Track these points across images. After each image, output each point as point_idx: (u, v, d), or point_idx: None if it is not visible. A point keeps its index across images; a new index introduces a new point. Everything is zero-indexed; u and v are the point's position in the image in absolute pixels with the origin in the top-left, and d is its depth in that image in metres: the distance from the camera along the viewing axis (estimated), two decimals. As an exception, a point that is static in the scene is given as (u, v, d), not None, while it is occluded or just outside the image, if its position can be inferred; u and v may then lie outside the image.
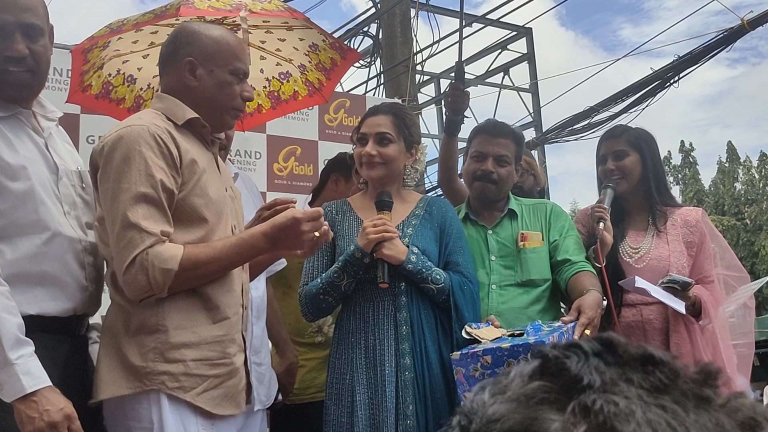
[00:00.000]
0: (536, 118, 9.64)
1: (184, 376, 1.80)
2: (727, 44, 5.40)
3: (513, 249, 2.65)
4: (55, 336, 1.90)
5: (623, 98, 6.10)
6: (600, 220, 2.59)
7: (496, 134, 2.73)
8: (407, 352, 2.32)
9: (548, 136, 7.22)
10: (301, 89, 3.44)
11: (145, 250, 1.75)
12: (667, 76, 5.77)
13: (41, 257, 1.88)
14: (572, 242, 2.62)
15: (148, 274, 1.74)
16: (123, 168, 1.80)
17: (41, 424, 1.65)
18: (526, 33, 9.96)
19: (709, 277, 2.67)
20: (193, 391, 1.81)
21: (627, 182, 2.75)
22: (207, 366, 1.85)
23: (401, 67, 6.69)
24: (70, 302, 1.93)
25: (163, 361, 1.79)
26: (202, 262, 1.80)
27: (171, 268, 1.75)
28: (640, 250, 2.70)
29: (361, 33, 8.31)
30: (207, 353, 1.85)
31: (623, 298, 2.66)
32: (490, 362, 2.11)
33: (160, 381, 1.78)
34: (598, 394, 0.48)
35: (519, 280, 2.60)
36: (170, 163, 1.83)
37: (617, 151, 2.76)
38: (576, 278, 2.50)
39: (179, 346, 1.81)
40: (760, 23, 5.18)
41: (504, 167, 2.69)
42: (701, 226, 2.71)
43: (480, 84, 10.35)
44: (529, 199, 2.87)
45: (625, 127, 2.91)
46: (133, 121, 1.89)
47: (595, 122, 6.44)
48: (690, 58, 5.60)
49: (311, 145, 5.15)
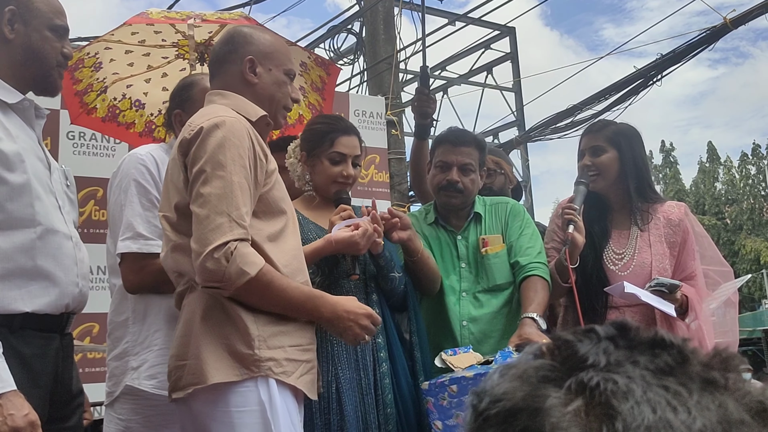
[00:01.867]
0: (519, 117, 9.66)
1: (286, 362, 1.87)
2: (709, 43, 5.42)
3: (479, 254, 2.70)
4: (46, 334, 1.88)
5: (606, 96, 6.12)
6: (569, 222, 2.56)
7: (458, 143, 2.74)
8: (382, 346, 2.38)
9: (531, 135, 7.23)
10: (305, 113, 3.47)
11: (234, 241, 1.77)
12: (650, 74, 5.78)
13: (36, 252, 1.86)
14: (525, 241, 2.67)
15: (228, 266, 1.76)
16: (218, 155, 1.82)
17: (4, 428, 1.62)
18: (509, 32, 9.98)
19: (692, 273, 2.65)
20: (293, 375, 1.88)
21: (603, 179, 2.70)
22: (300, 351, 1.92)
23: (384, 64, 6.66)
24: (63, 299, 1.92)
25: (267, 348, 1.84)
26: (275, 287, 1.83)
27: (249, 272, 1.77)
28: (624, 257, 2.67)
29: (345, 30, 8.28)
30: (299, 339, 1.92)
31: (608, 300, 2.64)
32: (456, 391, 2.18)
33: (267, 367, 1.83)
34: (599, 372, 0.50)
35: (485, 286, 2.66)
36: (257, 159, 1.90)
37: (595, 146, 2.71)
38: (522, 289, 2.58)
39: (277, 333, 1.87)
40: (743, 22, 5.21)
41: (468, 176, 2.71)
42: (684, 224, 2.68)
43: (463, 83, 10.36)
44: (491, 198, 2.89)
45: (607, 123, 2.87)
46: (220, 112, 1.91)
47: (578, 120, 6.46)
48: (673, 56, 5.62)
49: (294, 143, 5.10)
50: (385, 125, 5.96)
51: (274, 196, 1.95)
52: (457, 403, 2.17)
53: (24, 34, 1.95)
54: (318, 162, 2.49)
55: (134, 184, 2.30)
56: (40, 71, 2.00)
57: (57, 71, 2.02)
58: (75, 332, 2.23)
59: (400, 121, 6.42)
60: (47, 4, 1.99)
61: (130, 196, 2.31)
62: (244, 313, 1.84)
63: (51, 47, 1.97)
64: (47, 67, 2.00)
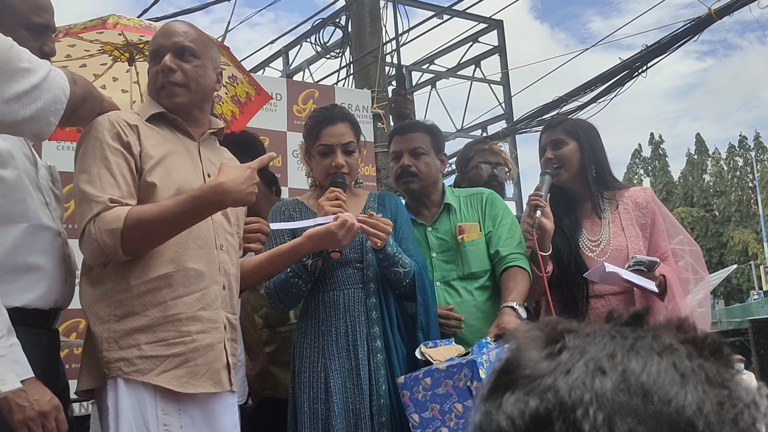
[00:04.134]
0: (507, 110, 9.66)
1: (140, 360, 1.84)
2: (694, 34, 5.44)
3: (453, 243, 2.71)
4: (34, 329, 1.88)
5: (592, 88, 6.13)
6: (536, 208, 2.60)
7: (405, 131, 2.84)
8: (378, 336, 2.37)
9: (518, 127, 7.24)
10: (250, 90, 3.49)
11: (92, 218, 1.83)
12: (636, 66, 5.79)
13: (26, 247, 1.87)
14: (504, 231, 2.69)
15: (97, 239, 1.81)
16: (84, 154, 1.91)
17: (32, 413, 1.68)
18: (497, 25, 9.97)
19: (665, 253, 2.69)
20: (151, 372, 1.84)
21: (566, 171, 2.74)
22: (163, 346, 1.87)
23: (370, 57, 6.64)
24: (52, 294, 1.93)
25: (117, 348, 1.84)
26: (148, 218, 1.83)
27: (115, 228, 1.80)
28: (600, 242, 2.71)
29: (331, 24, 8.25)
30: (162, 334, 1.87)
31: (590, 289, 2.65)
32: (430, 384, 2.18)
33: (117, 368, 1.83)
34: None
35: (461, 274, 2.69)
36: (126, 147, 1.91)
37: (555, 140, 2.77)
38: (502, 279, 2.60)
39: (131, 332, 1.85)
40: (727, 12, 5.22)
41: (420, 159, 2.75)
42: (652, 206, 2.74)
43: (451, 76, 10.35)
44: (465, 190, 2.93)
45: (563, 118, 2.98)
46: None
47: (564, 112, 6.48)
48: (658, 47, 5.63)
49: (280, 136, 5.11)
50: (371, 118, 5.94)
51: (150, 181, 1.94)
52: (432, 395, 2.17)
53: None
54: (312, 157, 2.53)
55: None
56: None
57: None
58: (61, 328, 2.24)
59: (387, 114, 6.40)
60: (24, 1, 1.94)
61: None
62: (95, 318, 1.87)
63: (25, 47, 1.89)
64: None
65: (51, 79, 1.70)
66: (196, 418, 1.91)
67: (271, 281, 2.41)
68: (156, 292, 1.88)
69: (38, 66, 1.69)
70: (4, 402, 1.67)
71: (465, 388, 2.11)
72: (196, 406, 1.91)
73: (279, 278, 2.39)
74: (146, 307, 1.87)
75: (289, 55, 10.72)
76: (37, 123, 1.67)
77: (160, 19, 7.55)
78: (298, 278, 2.37)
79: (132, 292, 1.87)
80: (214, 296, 1.98)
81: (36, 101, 1.65)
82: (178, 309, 1.90)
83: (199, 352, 1.91)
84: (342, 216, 2.23)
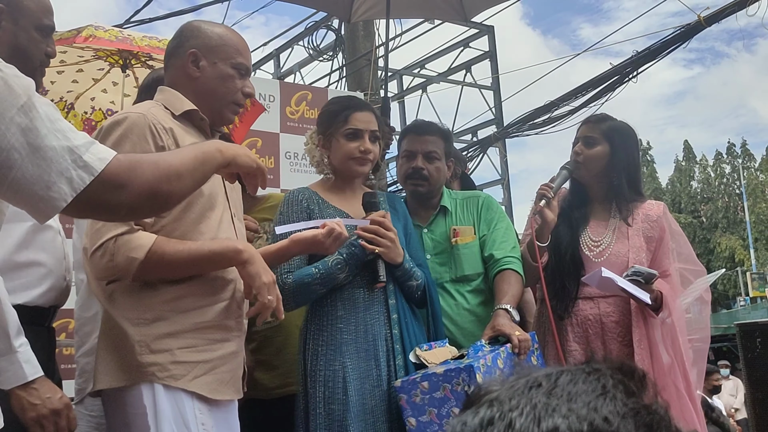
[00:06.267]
0: (497, 115, 9.71)
1: (172, 365, 1.81)
2: (683, 41, 5.49)
3: (447, 245, 2.72)
4: (35, 327, 1.89)
5: (583, 93, 6.18)
6: (542, 197, 2.61)
7: (422, 132, 2.81)
8: (398, 338, 2.35)
9: (509, 131, 7.28)
10: None
11: (115, 237, 1.75)
12: (626, 71, 5.85)
13: (28, 245, 1.90)
14: (499, 234, 2.70)
15: (113, 260, 1.75)
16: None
17: (44, 410, 1.70)
18: (488, 31, 10.02)
19: (667, 272, 2.67)
20: (184, 378, 1.82)
21: (585, 170, 2.73)
22: (194, 352, 1.85)
23: (363, 60, 6.66)
24: (53, 292, 1.96)
25: (149, 352, 1.80)
26: (169, 257, 1.78)
27: (135, 258, 1.74)
28: (600, 244, 2.69)
29: (324, 27, 8.27)
30: (191, 341, 1.85)
31: (580, 290, 2.65)
32: (427, 388, 2.18)
33: (150, 372, 1.79)
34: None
35: (453, 276, 2.70)
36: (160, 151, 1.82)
37: (589, 137, 2.74)
38: (495, 282, 2.60)
39: (163, 337, 1.82)
40: (716, 20, 5.28)
41: (433, 163, 2.75)
42: (662, 221, 2.71)
43: (442, 81, 10.39)
44: (462, 192, 2.93)
45: (606, 116, 2.87)
46: (131, 109, 1.89)
47: (555, 117, 6.52)
48: (648, 53, 5.68)
49: (272, 138, 5.10)
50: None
51: None
52: (429, 399, 2.17)
53: (11, 33, 1.91)
54: (334, 141, 2.46)
55: None
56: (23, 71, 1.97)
57: (40, 71, 1.99)
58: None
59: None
60: (37, 3, 1.96)
61: None
62: (124, 319, 1.81)
63: (36, 48, 1.94)
64: (30, 67, 1.95)
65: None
66: (219, 418, 1.91)
67: (293, 280, 2.33)
68: (183, 299, 1.86)
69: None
70: (16, 400, 1.69)
71: (462, 393, 2.11)
72: (216, 407, 1.91)
73: (302, 281, 2.32)
74: (174, 313, 1.84)
75: (280, 58, 10.73)
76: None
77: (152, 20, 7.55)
78: (323, 286, 2.33)
79: (159, 297, 1.84)
80: (238, 303, 1.98)
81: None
82: (206, 317, 1.88)
83: (224, 359, 1.91)
84: (329, 224, 2.17)
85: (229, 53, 2.00)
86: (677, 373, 2.51)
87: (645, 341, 2.54)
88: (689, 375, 2.55)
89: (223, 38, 2.01)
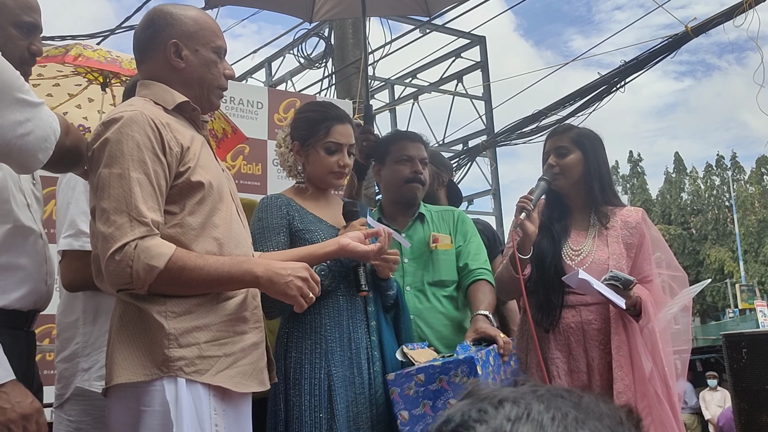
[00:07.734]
0: (488, 125, 9.73)
1: (199, 360, 1.78)
2: (671, 51, 5.53)
3: (425, 250, 2.77)
4: (12, 330, 1.86)
5: (571, 102, 6.21)
6: (522, 210, 2.61)
7: (415, 139, 2.92)
8: (376, 345, 2.37)
9: (498, 139, 7.30)
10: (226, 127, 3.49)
11: (135, 240, 1.70)
12: (614, 81, 5.88)
13: (8, 248, 1.85)
14: (473, 247, 2.80)
15: (132, 266, 1.69)
16: (115, 153, 1.75)
17: (13, 414, 1.65)
18: (479, 41, 10.07)
19: (648, 277, 2.67)
20: (208, 373, 1.79)
21: (565, 179, 2.74)
22: (217, 346, 1.82)
23: (352, 68, 6.67)
24: (32, 296, 1.91)
25: (177, 346, 1.76)
26: (189, 271, 1.74)
27: (155, 266, 1.70)
28: (581, 253, 2.70)
29: (314, 35, 8.29)
30: (216, 333, 1.82)
31: (564, 299, 2.65)
32: (423, 380, 2.19)
33: (177, 367, 1.74)
34: None
35: (430, 280, 2.73)
36: (164, 150, 1.79)
37: (560, 147, 2.76)
38: (470, 290, 2.68)
39: (191, 330, 1.78)
40: (703, 30, 5.32)
41: (425, 170, 2.87)
42: (641, 227, 2.72)
43: (433, 90, 10.42)
44: (434, 206, 2.99)
45: (571, 126, 2.91)
46: (124, 107, 1.84)
47: (543, 126, 6.55)
48: (636, 63, 5.72)
49: (260, 145, 5.10)
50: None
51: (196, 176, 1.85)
52: (424, 391, 2.16)
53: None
54: (313, 152, 2.44)
55: (81, 182, 2.26)
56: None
57: (23, 69, 1.93)
58: (35, 333, 2.26)
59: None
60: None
61: (77, 194, 2.28)
62: (155, 311, 1.76)
63: (14, 45, 1.91)
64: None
65: (44, 116, 1.69)
66: (230, 419, 1.88)
67: None
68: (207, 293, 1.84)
69: (36, 102, 1.68)
70: None
71: (461, 385, 2.11)
72: (231, 407, 1.87)
73: None
74: (200, 306, 1.81)
75: (272, 66, 10.75)
76: (25, 156, 1.66)
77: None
78: None
79: None
80: (253, 294, 1.96)
81: (28, 134, 1.65)
82: (227, 309, 1.86)
83: (246, 351, 1.89)
84: (381, 243, 2.24)
85: (208, 37, 1.96)
86: (657, 381, 2.50)
87: (625, 347, 2.54)
88: (670, 382, 2.54)
89: (199, 23, 1.97)
